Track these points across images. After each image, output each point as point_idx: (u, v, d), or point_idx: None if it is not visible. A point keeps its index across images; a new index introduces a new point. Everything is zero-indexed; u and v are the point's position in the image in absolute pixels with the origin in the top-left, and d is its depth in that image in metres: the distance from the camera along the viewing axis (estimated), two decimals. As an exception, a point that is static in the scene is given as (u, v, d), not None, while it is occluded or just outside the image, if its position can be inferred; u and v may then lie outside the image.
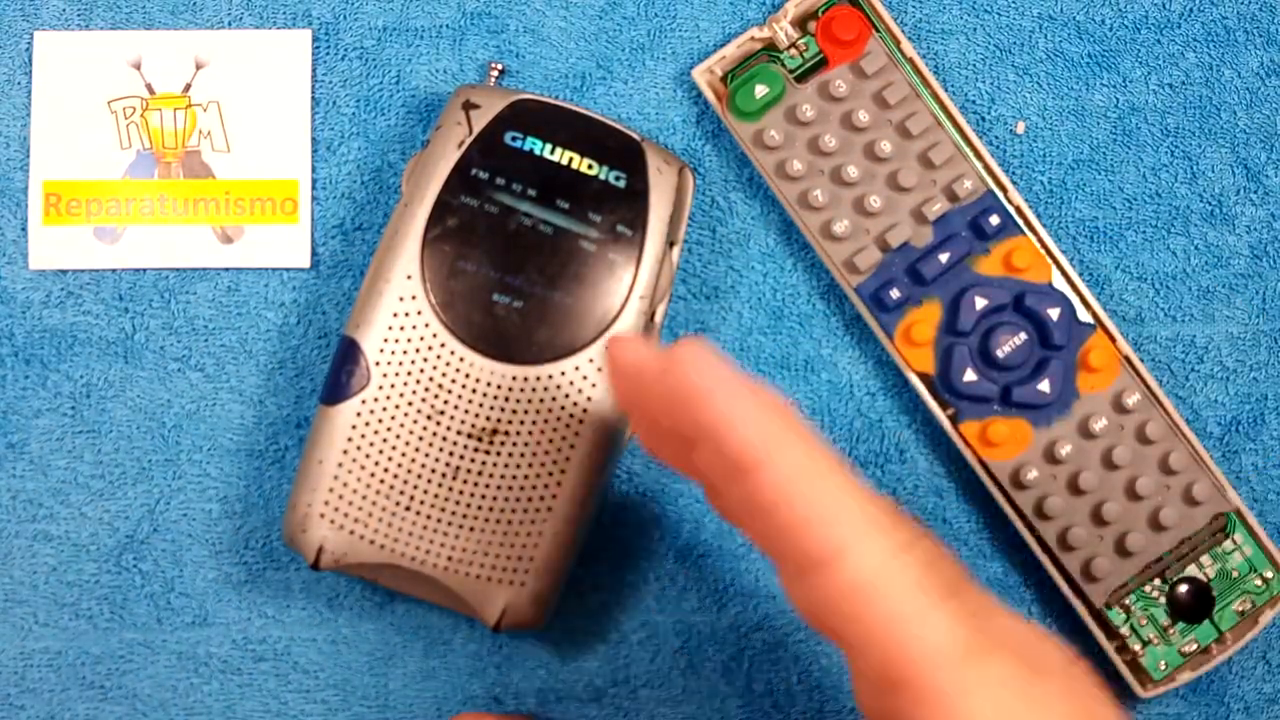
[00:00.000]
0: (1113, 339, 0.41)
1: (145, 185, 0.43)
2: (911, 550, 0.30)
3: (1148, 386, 0.41)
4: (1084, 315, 0.41)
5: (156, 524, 0.42)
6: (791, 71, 0.42)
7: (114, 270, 0.43)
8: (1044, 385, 0.41)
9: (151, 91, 0.43)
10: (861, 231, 0.41)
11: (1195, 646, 0.41)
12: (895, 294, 0.41)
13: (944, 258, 0.41)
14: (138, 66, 0.43)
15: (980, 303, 0.41)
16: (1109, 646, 0.41)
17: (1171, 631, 0.41)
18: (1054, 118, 0.44)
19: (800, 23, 0.42)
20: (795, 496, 0.30)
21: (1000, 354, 0.41)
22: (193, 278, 0.43)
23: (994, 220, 0.41)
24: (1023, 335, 0.41)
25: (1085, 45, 0.44)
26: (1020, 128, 0.43)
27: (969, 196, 0.41)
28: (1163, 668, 0.41)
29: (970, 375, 0.41)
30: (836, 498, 0.30)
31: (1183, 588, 0.41)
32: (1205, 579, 0.41)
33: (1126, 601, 0.41)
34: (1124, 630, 0.41)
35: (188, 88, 0.43)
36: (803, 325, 0.43)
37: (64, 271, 0.43)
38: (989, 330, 0.41)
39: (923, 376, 0.41)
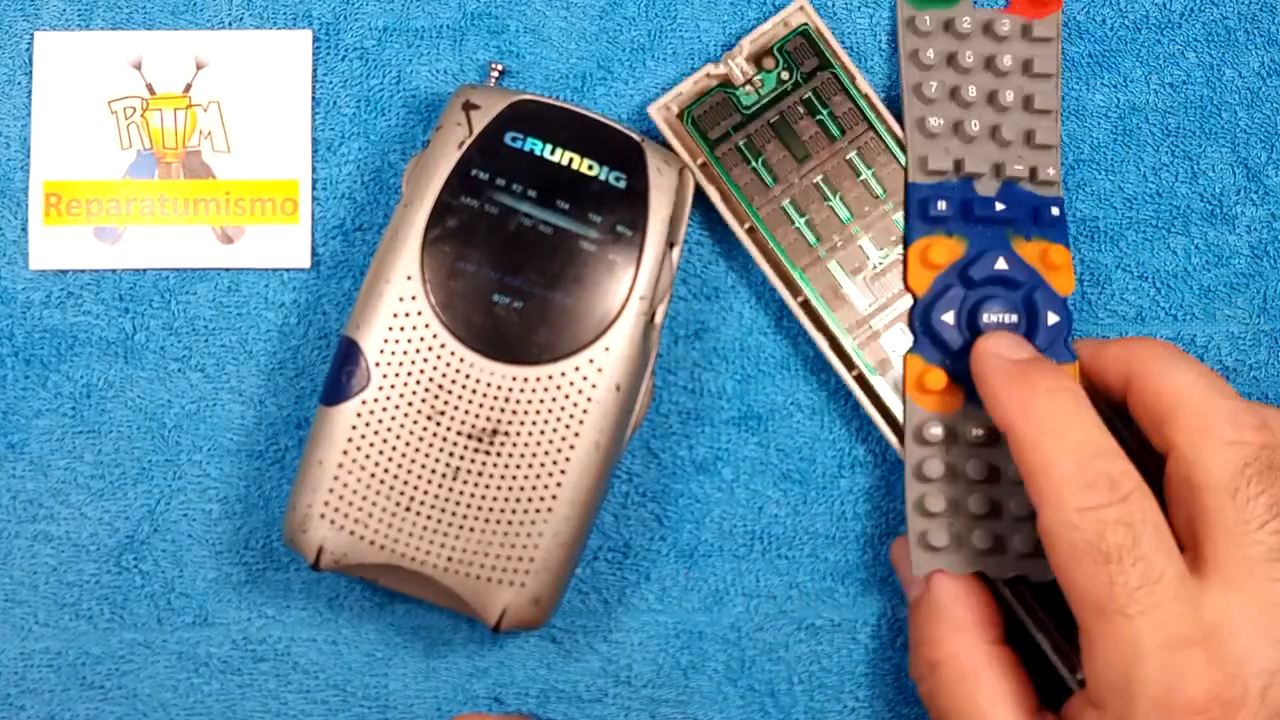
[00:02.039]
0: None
1: (145, 185, 0.43)
2: (1093, 513, 0.35)
3: None
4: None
5: (157, 524, 0.42)
6: (747, 108, 0.42)
7: (114, 270, 0.43)
8: None
9: (152, 92, 0.43)
10: (946, 145, 0.42)
11: None
12: (942, 205, 0.41)
13: (1000, 207, 0.41)
14: (138, 67, 0.43)
15: (1000, 265, 0.41)
16: (1072, 680, 0.40)
17: None
18: (1054, 118, 0.44)
19: (756, 59, 0.42)
20: (1034, 449, 0.36)
21: (984, 319, 0.41)
22: (193, 278, 0.43)
23: (1054, 212, 0.41)
24: (1013, 317, 0.41)
25: (1085, 45, 0.44)
26: None
27: (1044, 186, 0.42)
28: None
29: (948, 317, 0.41)
30: (1055, 453, 0.36)
31: None
32: None
33: None
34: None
35: (188, 88, 0.43)
36: (804, 325, 0.43)
37: (64, 272, 0.43)
38: (989, 295, 0.41)
39: (912, 295, 0.41)
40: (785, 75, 0.42)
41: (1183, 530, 0.36)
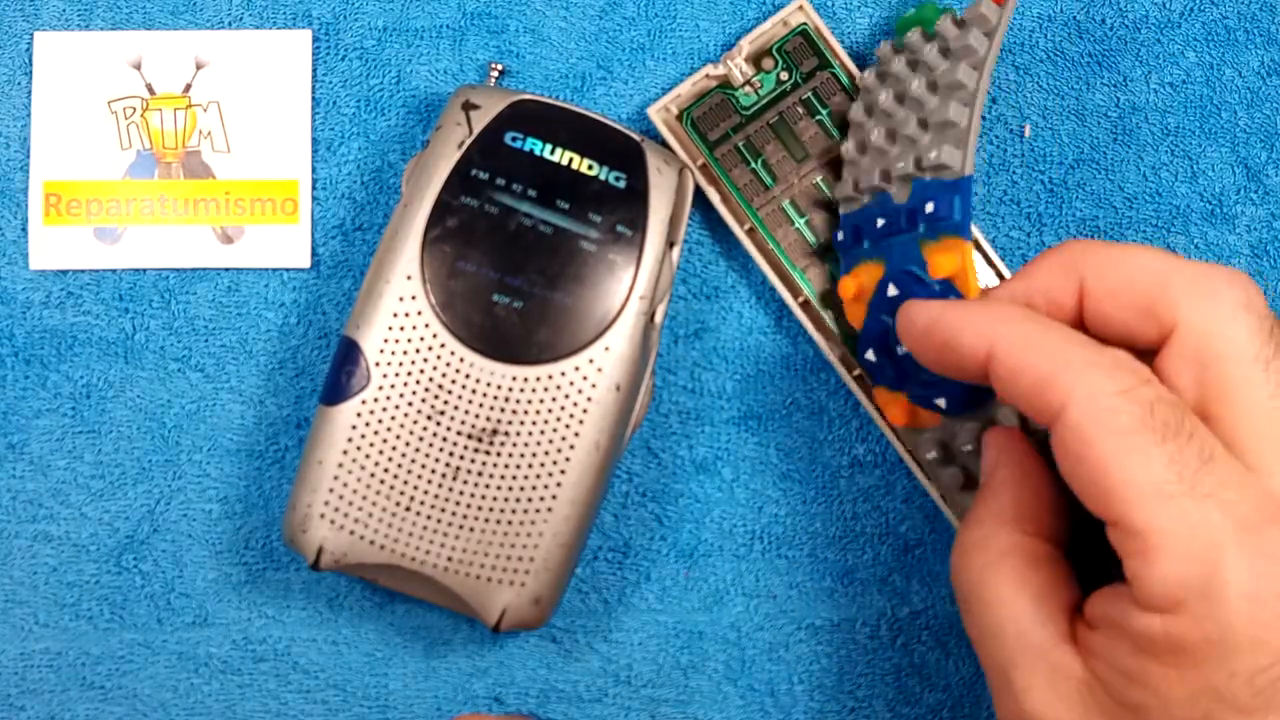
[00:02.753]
0: None
1: (145, 185, 0.43)
2: (1132, 393, 0.30)
3: None
4: None
5: (157, 524, 0.42)
6: (746, 109, 0.42)
7: (114, 270, 0.43)
8: (940, 401, 0.38)
9: (152, 92, 0.43)
10: (861, 166, 0.40)
11: None
12: (840, 235, 0.40)
13: (881, 223, 0.39)
14: (138, 67, 0.43)
15: (893, 290, 0.38)
16: None
17: None
18: (1054, 118, 0.44)
19: (755, 59, 0.42)
20: (1021, 366, 0.31)
21: (899, 350, 0.38)
22: (193, 278, 0.43)
23: (951, 203, 0.37)
24: None
25: (1085, 45, 0.44)
26: (1027, 131, 0.43)
27: (948, 171, 0.37)
28: None
29: (870, 354, 0.39)
30: (1056, 354, 0.31)
31: None
32: None
33: None
34: None
35: (188, 88, 0.43)
36: (804, 325, 0.43)
37: (64, 272, 0.43)
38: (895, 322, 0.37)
39: (852, 334, 0.40)
40: (784, 75, 0.42)
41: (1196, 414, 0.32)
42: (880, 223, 0.39)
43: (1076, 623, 0.32)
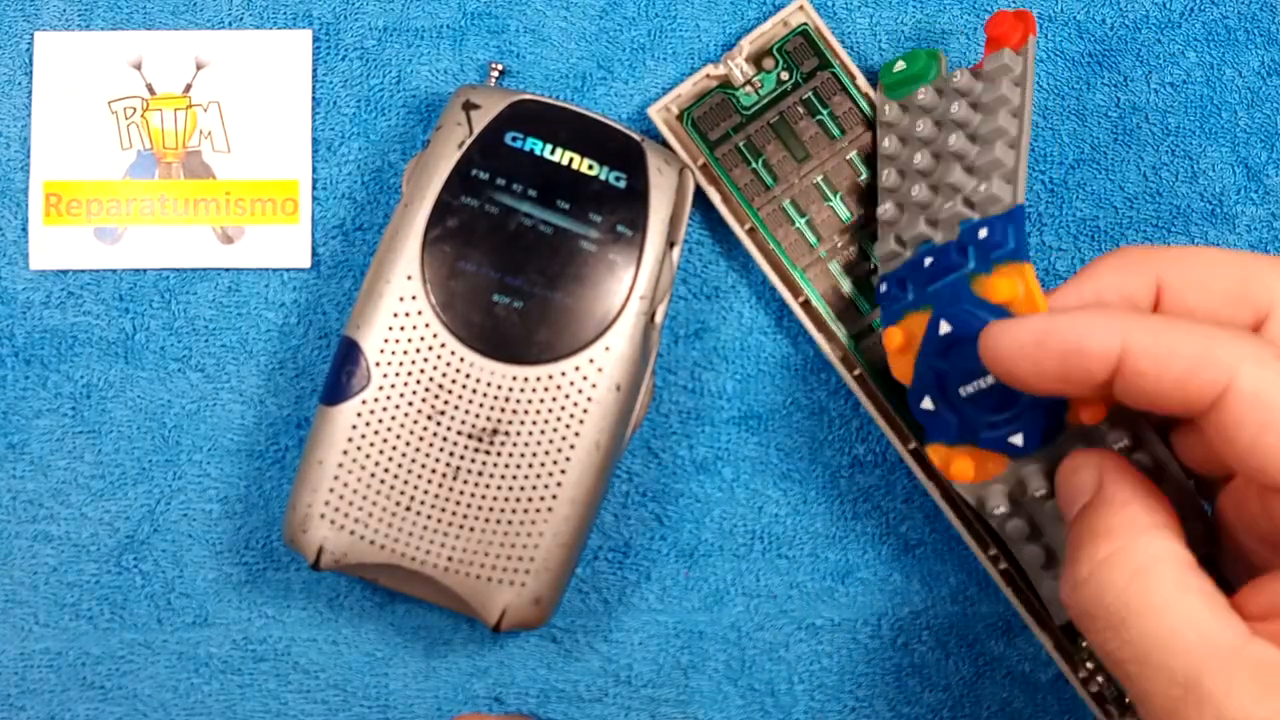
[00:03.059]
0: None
1: (146, 185, 0.43)
2: None
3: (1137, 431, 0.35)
4: None
5: (157, 524, 0.42)
6: (746, 109, 0.42)
7: (114, 270, 0.43)
8: (1016, 439, 0.36)
9: (152, 92, 0.43)
10: (901, 224, 0.39)
11: None
12: (884, 287, 0.38)
13: (927, 264, 0.37)
14: (138, 67, 0.43)
15: (944, 328, 0.36)
16: (1074, 678, 0.41)
17: None
18: (1054, 118, 0.44)
19: (755, 59, 0.42)
20: (1168, 354, 0.30)
21: (962, 392, 0.36)
22: (193, 278, 0.43)
23: (1004, 231, 0.36)
24: (990, 379, 0.36)
25: (1085, 45, 0.44)
26: None
27: (997, 204, 0.37)
28: (1128, 700, 0.40)
29: (927, 404, 0.37)
30: (1202, 334, 0.30)
31: None
32: None
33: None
34: (1090, 663, 0.40)
35: (188, 88, 0.43)
36: (804, 325, 0.43)
37: (64, 272, 0.43)
38: (953, 363, 0.36)
39: (900, 389, 0.39)
40: (785, 75, 0.42)
41: None
42: (927, 264, 0.38)
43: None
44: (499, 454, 0.38)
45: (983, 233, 0.36)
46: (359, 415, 0.38)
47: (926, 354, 0.37)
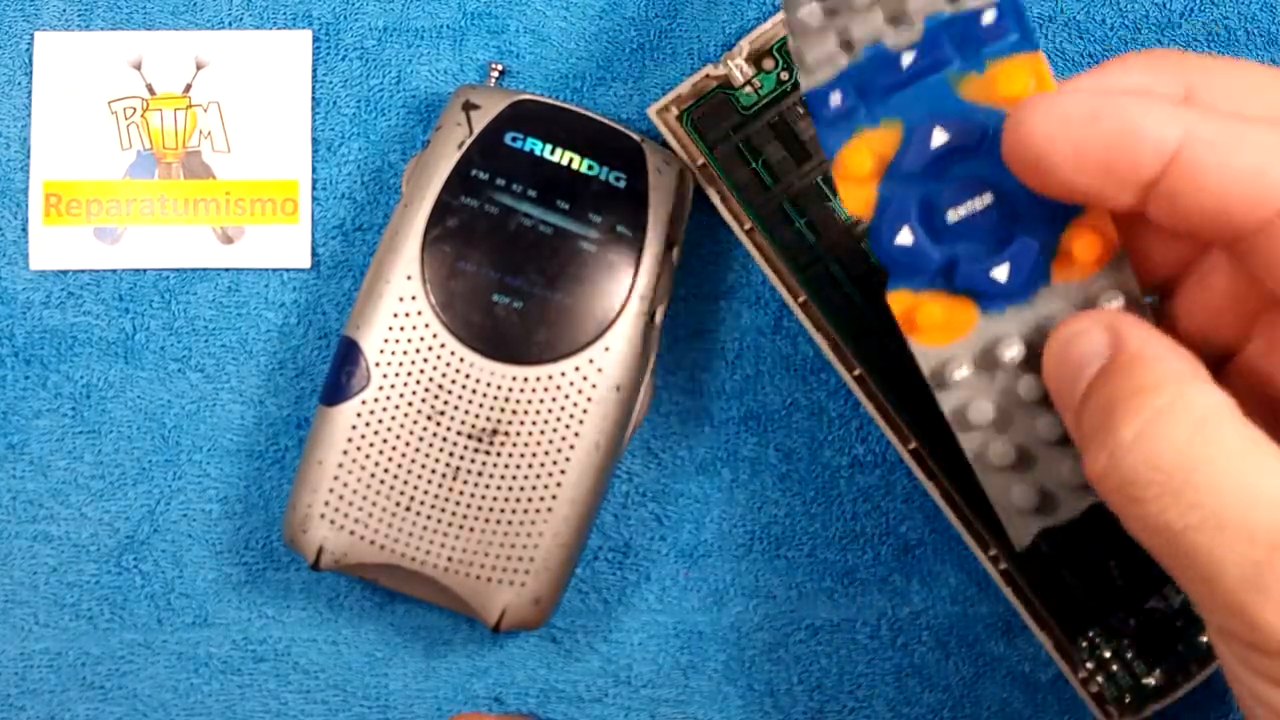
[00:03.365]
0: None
1: (145, 185, 0.43)
2: None
3: (1133, 294, 0.31)
4: None
5: (157, 524, 0.42)
6: (746, 109, 0.42)
7: (114, 270, 0.43)
8: (999, 271, 0.31)
9: (152, 92, 0.43)
10: (828, 29, 0.32)
11: (1160, 678, 0.40)
12: (836, 101, 0.31)
13: (907, 60, 0.31)
14: (138, 67, 0.43)
15: (939, 138, 0.31)
16: (1074, 679, 0.41)
17: (1135, 663, 0.40)
18: (1054, 118, 0.44)
19: (755, 60, 0.42)
20: (1228, 156, 0.27)
21: (951, 217, 0.31)
22: (193, 278, 0.43)
23: (989, 18, 0.30)
24: (987, 197, 0.31)
25: (1085, 45, 0.44)
26: None
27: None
28: (1128, 700, 0.40)
29: (905, 236, 0.31)
30: (1265, 139, 0.27)
31: (1151, 611, 0.40)
32: (1168, 610, 0.40)
33: (1090, 635, 0.40)
34: (1089, 664, 0.40)
35: (188, 88, 0.43)
36: (804, 325, 0.43)
37: (64, 272, 0.43)
38: (943, 181, 0.31)
39: (859, 225, 0.35)
40: (785, 75, 0.42)
41: None
42: (882, 70, 0.31)
43: None
44: (499, 454, 0.38)
45: (988, 16, 0.30)
46: (359, 415, 0.38)
47: (905, 176, 0.31)
